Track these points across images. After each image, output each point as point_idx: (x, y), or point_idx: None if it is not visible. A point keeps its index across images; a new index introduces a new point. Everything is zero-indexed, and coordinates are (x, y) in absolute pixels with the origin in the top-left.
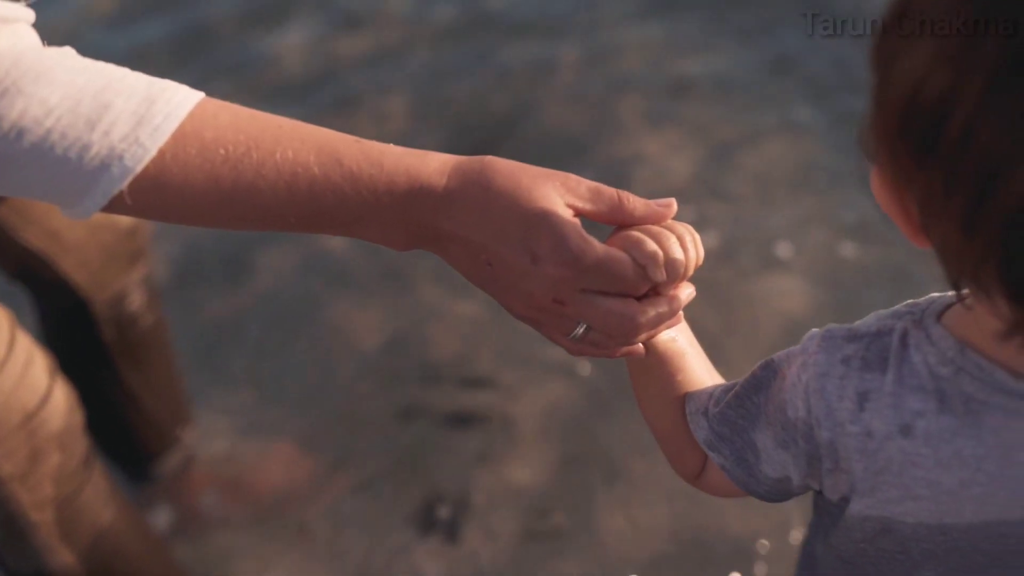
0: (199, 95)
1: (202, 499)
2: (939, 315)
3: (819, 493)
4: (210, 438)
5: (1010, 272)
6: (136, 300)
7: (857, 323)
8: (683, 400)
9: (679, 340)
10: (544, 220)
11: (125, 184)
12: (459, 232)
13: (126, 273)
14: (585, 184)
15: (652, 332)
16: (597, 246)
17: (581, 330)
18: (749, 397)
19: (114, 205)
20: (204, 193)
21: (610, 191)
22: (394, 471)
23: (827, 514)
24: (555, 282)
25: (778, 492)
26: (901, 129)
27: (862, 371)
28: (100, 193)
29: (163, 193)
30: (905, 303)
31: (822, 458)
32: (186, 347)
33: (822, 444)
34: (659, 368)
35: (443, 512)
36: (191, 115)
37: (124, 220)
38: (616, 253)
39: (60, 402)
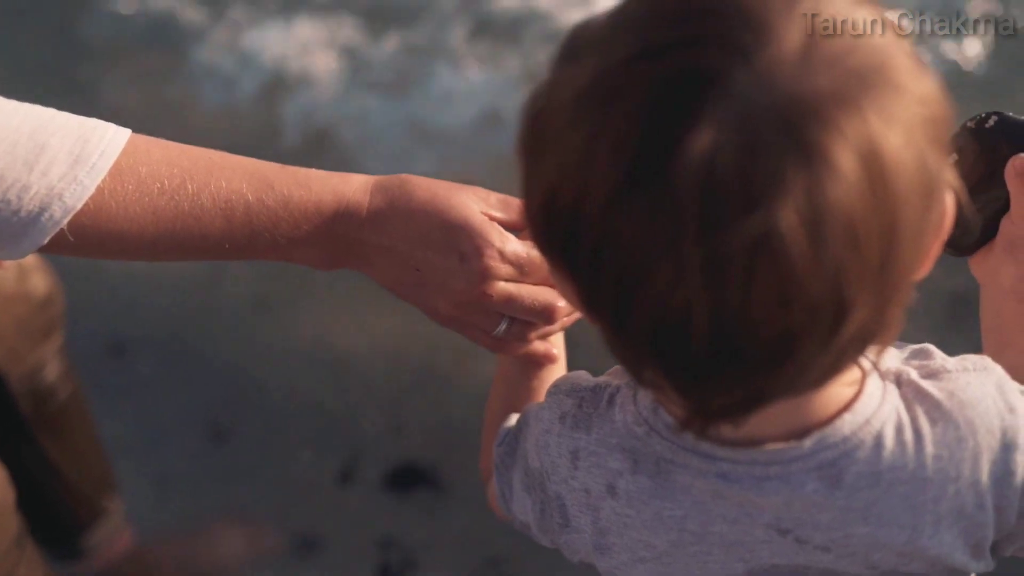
0: (128, 132)
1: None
2: None
3: None
4: (138, 507)
5: (669, 373)
6: (52, 371)
7: (583, 377)
8: (510, 410)
9: (556, 351)
10: (467, 222)
11: (65, 222)
12: (386, 243)
13: (41, 345)
14: (495, 195)
15: (567, 320)
16: (517, 241)
17: (504, 325)
18: (515, 437)
19: (55, 243)
20: (144, 226)
21: (517, 200)
22: (340, 535)
23: None
24: (482, 275)
25: (528, 535)
26: (545, 238)
27: (572, 429)
28: (40, 232)
29: (104, 229)
30: None
31: (553, 512)
32: (108, 414)
33: (552, 497)
34: (524, 369)
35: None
36: (124, 151)
37: (38, 291)
38: (532, 246)
39: None
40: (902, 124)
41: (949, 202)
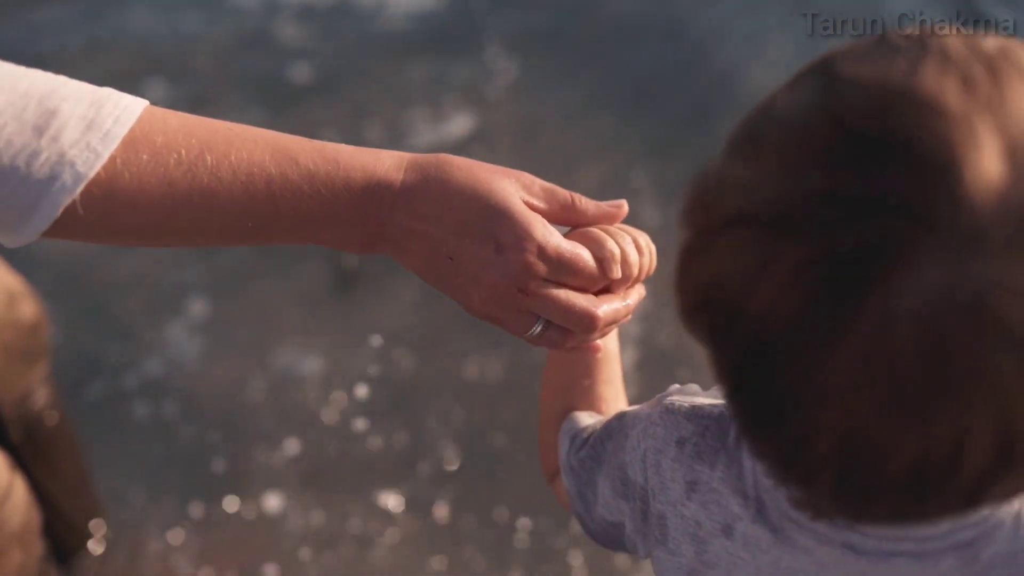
0: (144, 101)
1: None
2: None
3: None
4: (126, 532)
5: (840, 493)
6: (41, 398)
7: (704, 400)
8: (570, 410)
9: (608, 346)
10: (508, 211)
11: (78, 192)
12: (418, 227)
13: (30, 372)
14: (539, 183)
15: (607, 329)
16: (560, 238)
17: (539, 328)
18: (602, 443)
19: (66, 219)
20: (159, 200)
21: (563, 192)
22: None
23: None
24: (519, 270)
25: (607, 537)
26: (692, 315)
27: (693, 459)
28: (51, 203)
29: (116, 202)
30: None
31: (653, 526)
32: (94, 439)
33: (654, 514)
34: (575, 365)
35: None
36: (140, 120)
37: (26, 318)
38: (578, 246)
39: (20, 499)
40: None
41: None
